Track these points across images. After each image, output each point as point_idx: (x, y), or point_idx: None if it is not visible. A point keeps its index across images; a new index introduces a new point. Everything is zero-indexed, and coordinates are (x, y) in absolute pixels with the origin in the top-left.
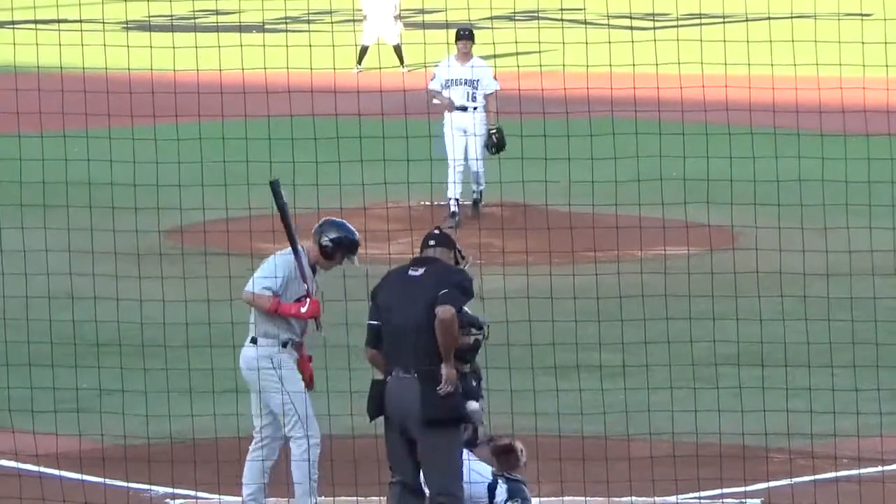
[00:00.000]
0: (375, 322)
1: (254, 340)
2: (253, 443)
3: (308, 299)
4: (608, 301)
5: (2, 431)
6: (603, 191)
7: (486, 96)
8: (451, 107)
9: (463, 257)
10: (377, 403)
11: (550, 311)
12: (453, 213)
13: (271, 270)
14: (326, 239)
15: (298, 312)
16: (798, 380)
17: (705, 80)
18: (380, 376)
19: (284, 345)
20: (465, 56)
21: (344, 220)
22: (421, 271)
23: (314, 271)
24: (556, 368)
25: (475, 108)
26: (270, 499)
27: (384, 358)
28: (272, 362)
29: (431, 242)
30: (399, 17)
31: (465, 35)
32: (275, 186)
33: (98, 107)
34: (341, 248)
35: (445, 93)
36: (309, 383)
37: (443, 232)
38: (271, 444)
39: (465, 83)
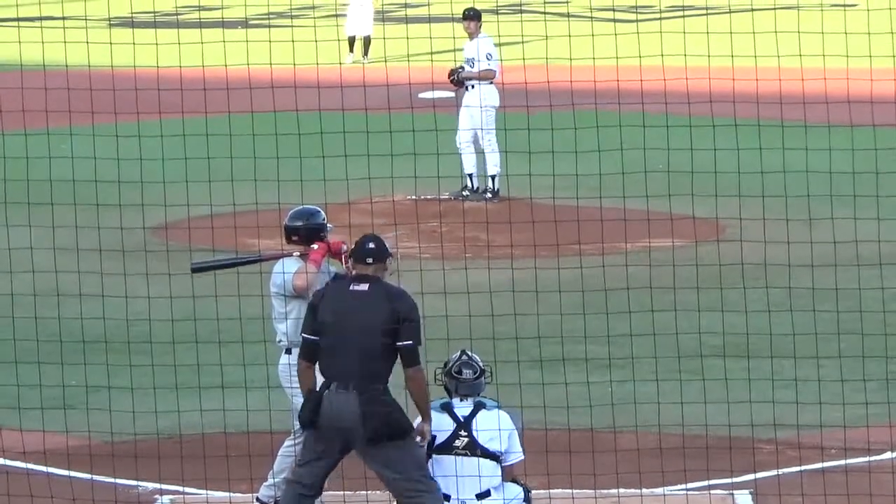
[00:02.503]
0: (314, 337)
1: (288, 351)
2: (288, 440)
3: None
4: (594, 294)
5: None
6: (587, 184)
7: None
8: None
9: (390, 253)
10: (312, 413)
11: (536, 305)
12: (464, 187)
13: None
14: (296, 237)
15: (321, 251)
16: (784, 371)
17: (689, 72)
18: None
19: None
20: (469, 36)
21: (295, 210)
22: (365, 287)
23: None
24: (541, 362)
25: (472, 86)
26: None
27: (321, 370)
28: None
29: (369, 260)
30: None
31: (465, 15)
32: (197, 268)
33: (82, 104)
34: (312, 232)
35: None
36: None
37: (377, 244)
38: None
39: (467, 61)
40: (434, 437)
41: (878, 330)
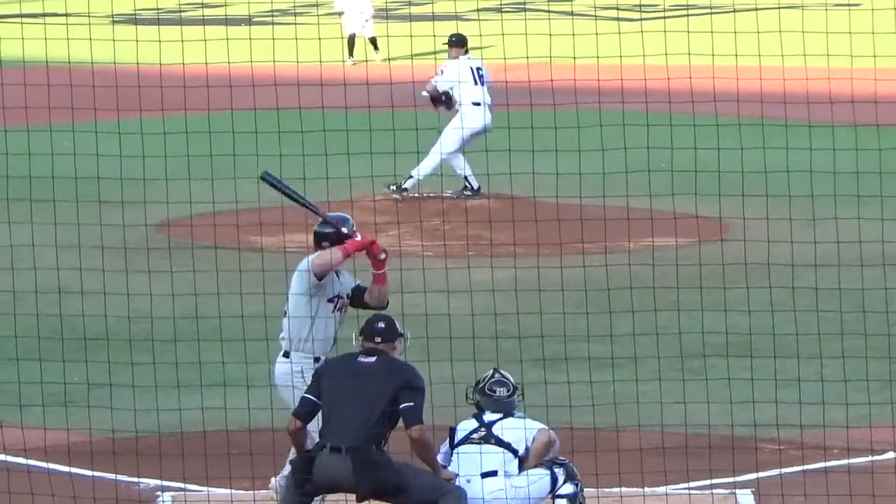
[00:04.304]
0: (315, 398)
1: (286, 355)
2: None
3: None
4: (597, 292)
5: None
6: (591, 182)
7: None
8: None
9: (401, 334)
10: (304, 472)
11: (539, 303)
12: (464, 187)
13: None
14: (326, 242)
15: (362, 242)
16: (787, 370)
17: (693, 71)
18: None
19: (317, 360)
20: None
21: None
22: (372, 360)
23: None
24: (544, 360)
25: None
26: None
27: (319, 433)
28: (303, 375)
29: (378, 339)
30: (368, 9)
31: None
32: (266, 178)
33: (84, 100)
34: (341, 238)
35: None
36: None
37: (387, 324)
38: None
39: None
40: (454, 432)
41: (881, 330)
